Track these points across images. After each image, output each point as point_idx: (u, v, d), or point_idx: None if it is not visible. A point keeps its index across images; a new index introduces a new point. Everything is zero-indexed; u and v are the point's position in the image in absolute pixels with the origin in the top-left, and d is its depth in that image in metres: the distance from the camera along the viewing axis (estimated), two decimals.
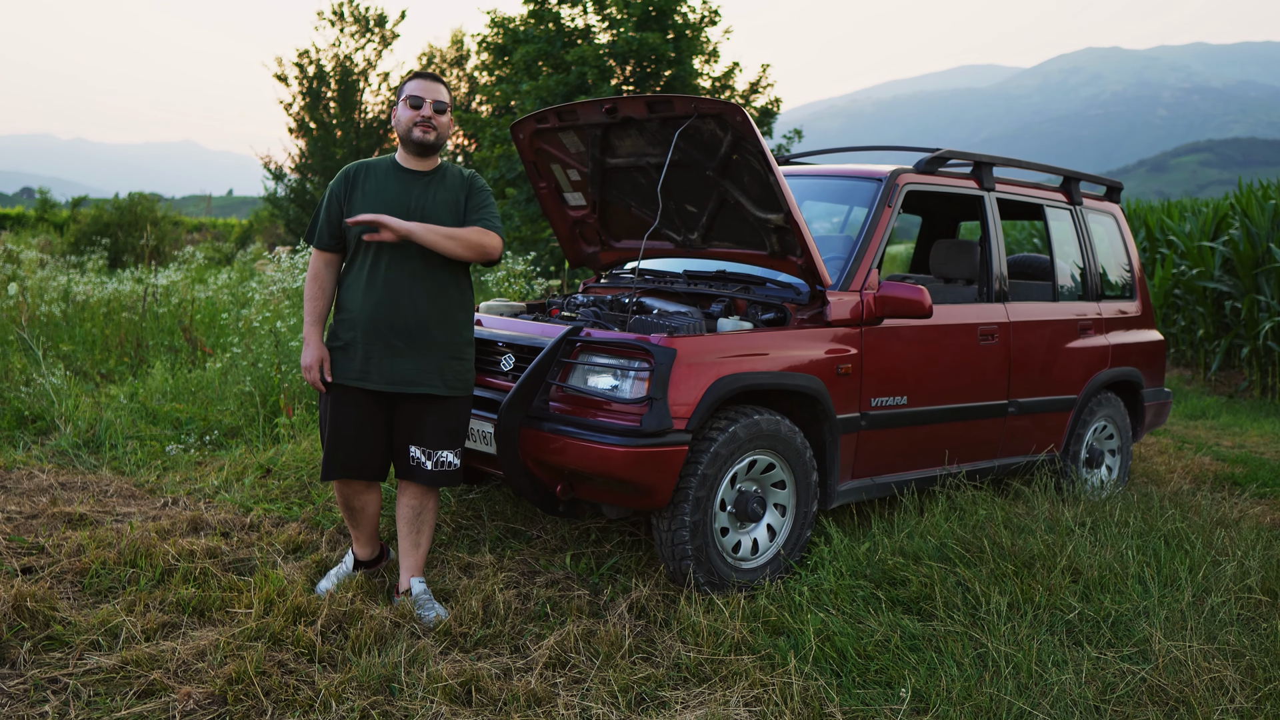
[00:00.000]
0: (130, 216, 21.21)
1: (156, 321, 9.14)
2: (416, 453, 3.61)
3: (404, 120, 3.56)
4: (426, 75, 3.63)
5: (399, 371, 3.53)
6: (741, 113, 3.86)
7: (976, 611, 3.60)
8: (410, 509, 3.70)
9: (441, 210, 3.57)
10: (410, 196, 3.56)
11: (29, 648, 3.23)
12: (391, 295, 3.50)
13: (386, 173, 3.61)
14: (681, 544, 3.74)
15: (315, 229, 3.63)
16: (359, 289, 3.54)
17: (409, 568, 3.71)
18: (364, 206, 3.53)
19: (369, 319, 3.51)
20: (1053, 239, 5.43)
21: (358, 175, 3.60)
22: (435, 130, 3.55)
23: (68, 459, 5.47)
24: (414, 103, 3.56)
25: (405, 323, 3.51)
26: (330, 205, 3.59)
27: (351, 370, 3.54)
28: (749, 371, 3.80)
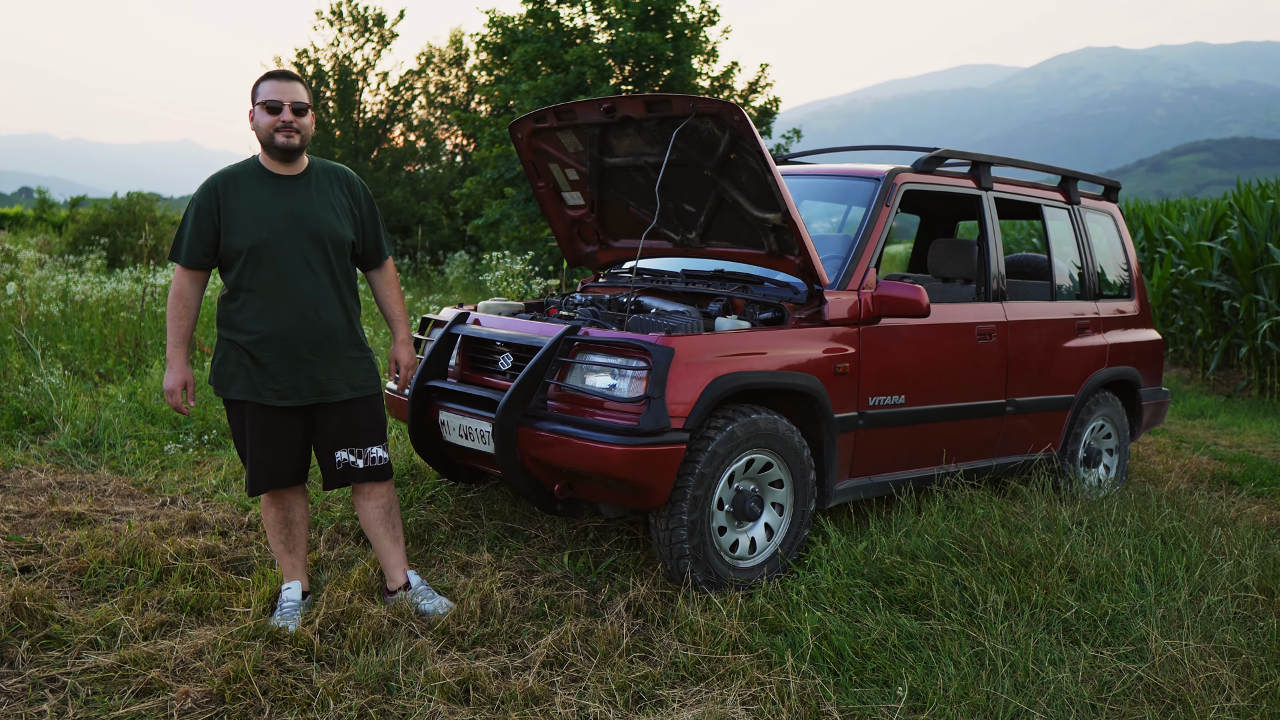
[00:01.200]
0: (129, 216, 21.20)
1: (155, 321, 9.14)
2: (345, 455, 3.55)
3: (264, 126, 3.36)
4: (280, 75, 3.41)
5: (315, 383, 3.44)
6: (739, 112, 3.86)
7: (974, 610, 3.60)
8: (379, 508, 3.67)
9: (329, 215, 3.45)
10: (294, 204, 3.40)
11: (27, 647, 3.24)
12: (292, 311, 3.38)
13: (256, 180, 3.41)
14: (679, 543, 3.75)
15: (183, 246, 3.38)
16: (254, 307, 3.38)
17: (396, 563, 3.70)
18: (243, 221, 3.35)
19: (278, 336, 3.38)
20: (1050, 238, 5.44)
21: (225, 187, 3.38)
22: (298, 133, 3.37)
23: (66, 458, 5.47)
24: (271, 106, 3.35)
25: (311, 335, 3.41)
26: (200, 221, 3.36)
27: (262, 388, 3.41)
28: (747, 371, 3.81)
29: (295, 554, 3.65)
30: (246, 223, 3.35)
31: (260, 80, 3.43)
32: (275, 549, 3.65)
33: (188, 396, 3.45)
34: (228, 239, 3.36)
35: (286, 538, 3.63)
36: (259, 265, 3.36)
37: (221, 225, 3.36)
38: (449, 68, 26.84)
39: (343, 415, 3.53)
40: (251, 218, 3.36)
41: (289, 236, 3.37)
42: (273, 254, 3.36)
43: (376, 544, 3.71)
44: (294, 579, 3.65)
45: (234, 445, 3.64)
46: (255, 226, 3.35)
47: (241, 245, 3.34)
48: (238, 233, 3.35)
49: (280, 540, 3.63)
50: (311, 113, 3.46)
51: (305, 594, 3.66)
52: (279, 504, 3.61)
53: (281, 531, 3.62)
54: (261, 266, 3.36)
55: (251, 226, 3.35)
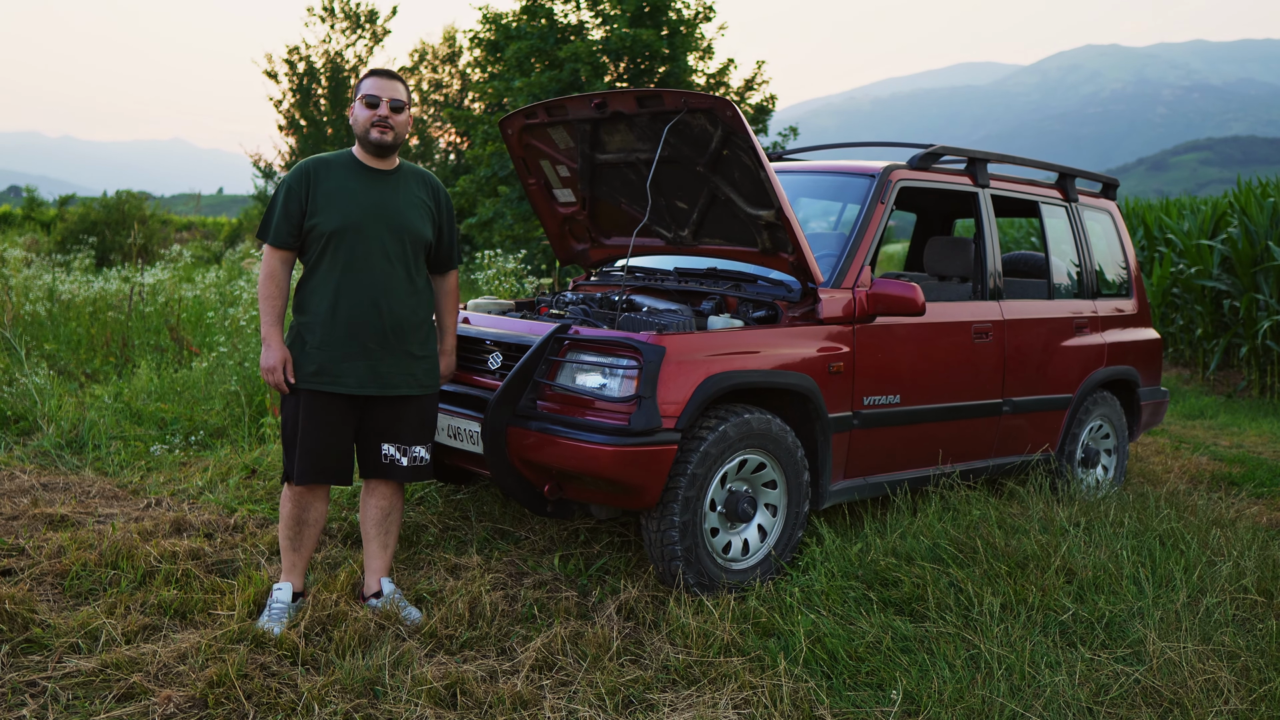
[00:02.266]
0: (118, 215, 21.14)
1: (143, 321, 9.11)
2: (391, 450, 3.59)
3: (361, 120, 3.50)
4: (383, 73, 3.56)
5: (375, 374, 3.49)
6: (732, 107, 3.84)
7: (969, 612, 3.59)
8: (380, 510, 3.68)
9: (412, 212, 3.55)
10: (380, 196, 3.51)
11: (7, 650, 3.21)
12: (364, 298, 3.46)
13: (349, 170, 3.53)
14: (671, 544, 3.73)
15: (271, 226, 3.50)
16: (327, 291, 3.47)
17: (378, 569, 3.69)
18: (329, 205, 3.46)
19: (342, 322, 3.45)
20: (1048, 236, 5.43)
21: (318, 172, 3.51)
22: (393, 130, 3.50)
23: (50, 459, 5.44)
24: (370, 101, 3.49)
25: (380, 325, 3.48)
26: (289, 202, 3.48)
27: (324, 374, 3.47)
28: (739, 370, 3.79)
29: (299, 554, 3.64)
30: (333, 207, 3.46)
31: (364, 76, 3.58)
32: (282, 543, 3.64)
33: (287, 373, 3.48)
34: (313, 220, 3.46)
35: (296, 535, 3.62)
36: (339, 250, 3.46)
37: (309, 206, 3.47)
38: (442, 65, 26.82)
39: (396, 410, 3.58)
40: (338, 202, 3.47)
41: (371, 225, 3.47)
42: (353, 240, 3.45)
43: (366, 543, 3.71)
44: (290, 579, 3.64)
45: (281, 437, 3.68)
46: (341, 211, 3.46)
47: (325, 228, 3.45)
48: (323, 215, 3.45)
49: (289, 536, 3.62)
50: (409, 111, 3.58)
51: (296, 596, 3.63)
52: (300, 501, 3.59)
53: (293, 529, 3.61)
54: (341, 251, 3.46)
55: (337, 211, 3.46)
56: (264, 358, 3.47)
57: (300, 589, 3.66)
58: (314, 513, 3.63)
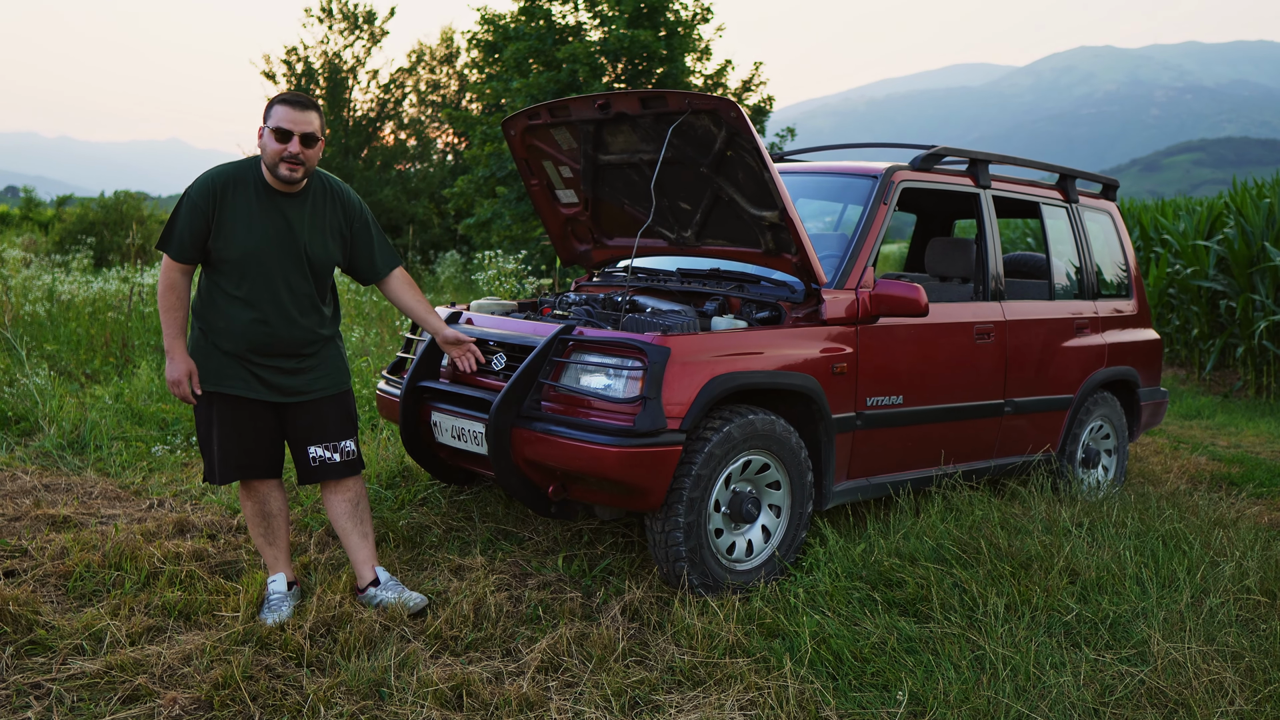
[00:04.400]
0: (116, 215, 21.10)
1: (143, 321, 9.08)
2: (319, 451, 3.60)
3: (270, 152, 3.36)
4: (295, 101, 3.40)
5: (289, 385, 3.51)
6: (736, 108, 3.83)
7: (973, 613, 3.58)
8: (347, 503, 3.70)
9: (315, 236, 3.50)
10: (285, 223, 3.45)
11: (11, 652, 3.20)
12: (275, 314, 3.44)
13: (255, 191, 3.43)
14: (675, 545, 3.71)
15: (173, 238, 3.39)
16: (238, 310, 3.43)
17: (365, 559, 3.71)
18: (233, 230, 3.38)
19: (253, 341, 3.45)
20: (1049, 237, 5.42)
21: (225, 190, 3.39)
22: (303, 165, 3.39)
23: (52, 460, 5.42)
24: (281, 135, 3.34)
25: (290, 342, 3.48)
26: (194, 218, 3.37)
27: (237, 381, 3.47)
28: (743, 371, 3.78)
29: (277, 546, 3.67)
30: (238, 231, 3.40)
31: (274, 102, 3.42)
32: (256, 542, 3.68)
33: (193, 384, 3.46)
34: (217, 242, 3.40)
35: (266, 530, 3.66)
36: (243, 274, 3.42)
37: (214, 226, 3.40)
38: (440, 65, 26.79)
39: (313, 413, 3.59)
40: (243, 227, 3.40)
41: (275, 253, 3.43)
42: (257, 266, 3.41)
43: (345, 540, 3.72)
44: (278, 570, 3.67)
45: (197, 438, 3.68)
46: (245, 237, 3.40)
47: (229, 254, 3.40)
48: (226, 240, 3.40)
49: (260, 533, 3.66)
50: (321, 141, 3.46)
51: (291, 584, 3.67)
52: (254, 497, 3.64)
53: (260, 524, 3.65)
54: (245, 276, 3.42)
55: (242, 236, 3.40)
56: (169, 370, 3.43)
57: (292, 578, 3.70)
58: (274, 503, 3.66)
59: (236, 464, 3.54)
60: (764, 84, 17.63)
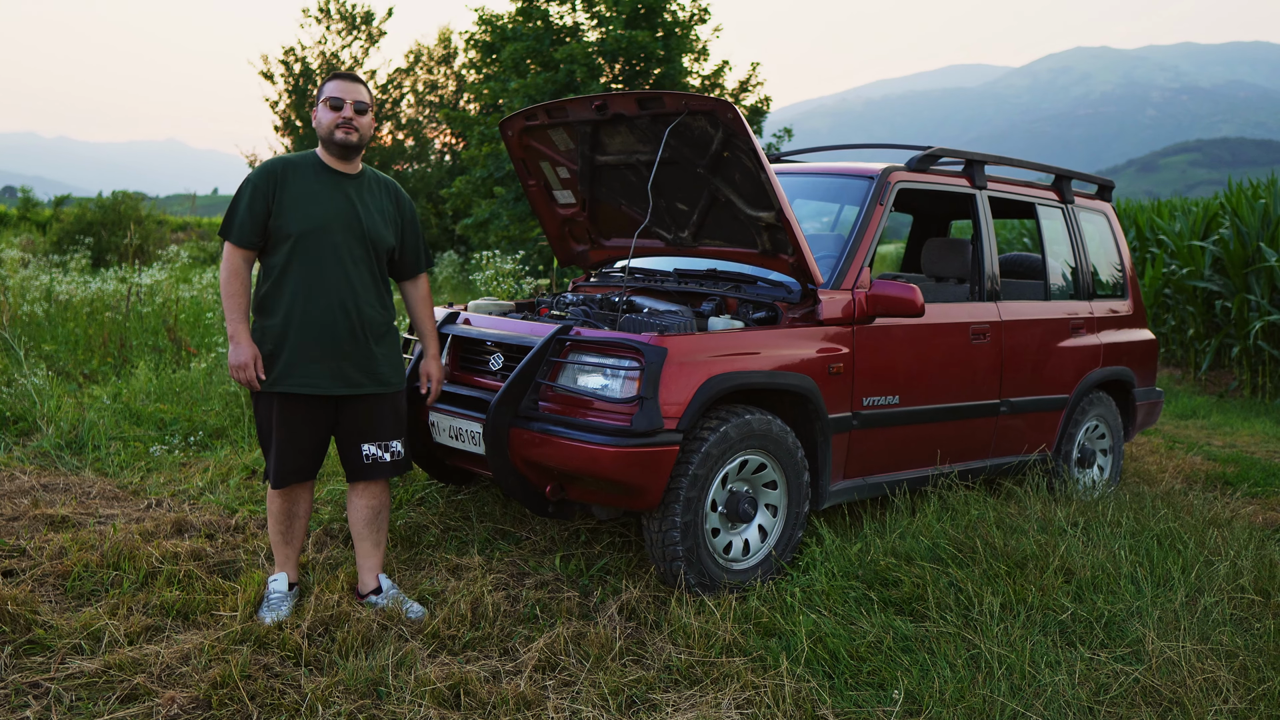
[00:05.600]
0: (114, 215, 21.07)
1: (140, 321, 9.08)
2: (372, 449, 3.63)
3: (325, 122, 3.53)
4: (345, 76, 3.59)
5: (341, 375, 3.52)
6: (733, 109, 3.84)
7: (969, 612, 3.59)
8: (369, 509, 3.70)
9: (374, 216, 3.58)
10: (345, 200, 3.53)
11: (10, 652, 3.20)
12: (329, 300, 3.48)
13: (314, 173, 3.55)
14: (672, 545, 3.72)
15: (234, 224, 3.49)
16: (292, 294, 3.48)
17: (373, 567, 3.72)
18: (294, 208, 3.47)
19: (308, 324, 3.47)
20: (1044, 238, 5.43)
21: (284, 173, 3.51)
22: (357, 131, 3.52)
23: (50, 460, 5.42)
24: (334, 104, 3.52)
25: (346, 327, 3.50)
26: (255, 201, 3.47)
27: (292, 376, 3.48)
28: (740, 371, 3.79)
29: (291, 545, 3.71)
30: (298, 209, 3.47)
31: (326, 80, 3.60)
32: (273, 538, 3.70)
33: (258, 369, 3.48)
34: (278, 221, 3.47)
35: (286, 529, 3.68)
36: (303, 253, 3.47)
37: (274, 207, 3.47)
38: (437, 66, 26.78)
39: (369, 408, 3.61)
40: (304, 205, 3.48)
41: (336, 229, 3.49)
42: (318, 243, 3.47)
43: (357, 543, 3.74)
44: (283, 570, 3.70)
45: (257, 438, 3.69)
46: (307, 214, 3.47)
47: (291, 230, 3.46)
48: (288, 217, 3.46)
49: (280, 531, 3.68)
50: (372, 113, 3.61)
51: (292, 585, 3.69)
52: (287, 496, 3.65)
53: (283, 522, 3.67)
54: (306, 254, 3.47)
55: (303, 213, 3.47)
56: (232, 355, 3.47)
57: (294, 579, 3.72)
58: (302, 505, 3.70)
59: (294, 467, 3.57)
60: (761, 84, 17.65)
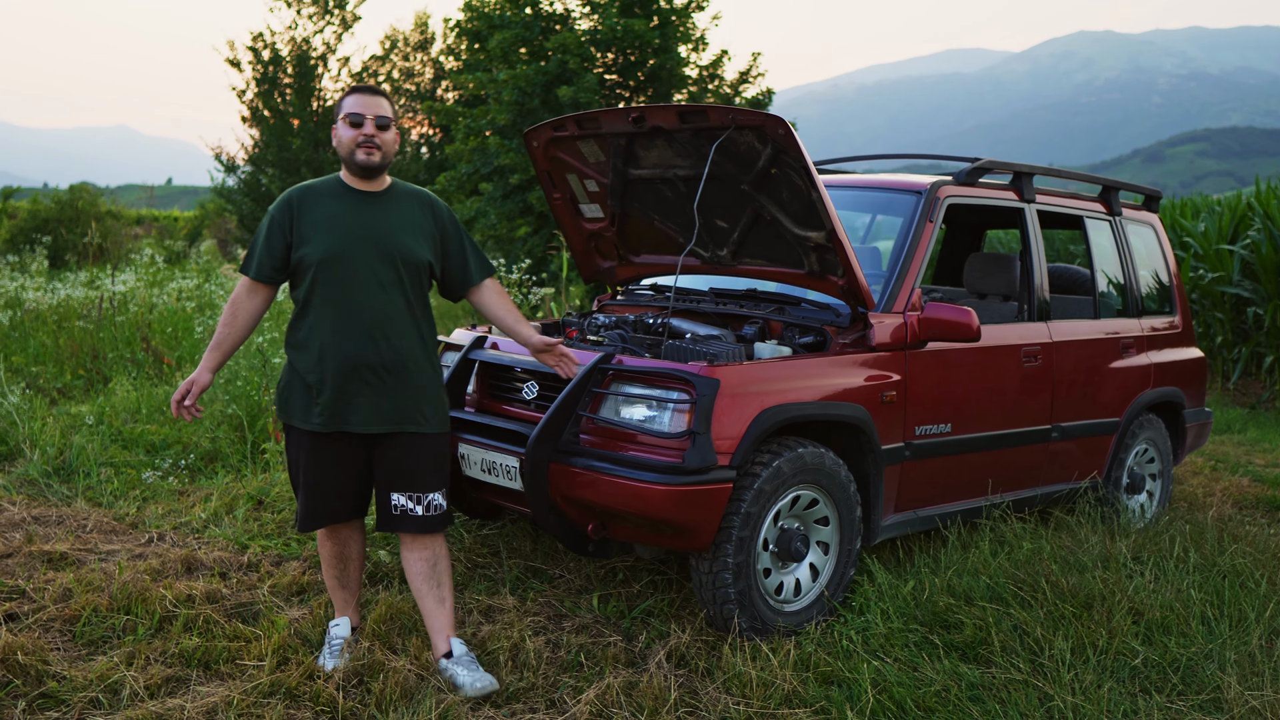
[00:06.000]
0: (72, 212, 20.89)
1: (115, 330, 8.99)
2: (402, 500, 3.50)
3: (345, 141, 3.44)
4: (365, 89, 3.50)
5: (377, 411, 3.43)
6: (784, 125, 3.83)
7: (1037, 657, 3.60)
8: (424, 562, 3.56)
9: (404, 233, 3.47)
10: (369, 220, 3.45)
11: (23, 707, 3.16)
12: (359, 330, 3.39)
13: (335, 195, 3.48)
14: (724, 587, 3.71)
15: (253, 259, 3.45)
16: (321, 326, 3.40)
17: (441, 627, 3.55)
18: (315, 234, 3.40)
19: (339, 358, 3.38)
20: (1093, 252, 5.44)
21: (302, 201, 3.46)
22: (380, 149, 3.43)
23: (38, 489, 5.36)
24: (354, 120, 3.42)
25: (378, 359, 3.40)
26: (272, 234, 3.43)
27: (324, 415, 3.41)
28: (794, 402, 3.78)
29: (348, 589, 3.71)
30: (319, 235, 3.41)
31: (345, 94, 3.51)
32: (328, 583, 3.71)
33: (189, 396, 3.45)
34: (299, 251, 3.41)
35: (341, 573, 3.68)
36: (328, 281, 3.40)
37: (294, 238, 3.42)
38: (414, 52, 26.67)
39: (402, 453, 3.49)
40: (324, 230, 3.41)
41: (360, 252, 3.40)
42: (342, 269, 3.39)
43: (419, 602, 3.59)
44: (344, 614, 3.72)
45: (288, 477, 3.69)
46: (327, 239, 3.40)
47: (312, 258, 3.39)
48: (309, 244, 3.40)
49: (334, 575, 3.68)
50: (395, 128, 3.51)
51: (354, 629, 3.72)
52: (335, 538, 3.63)
53: (336, 566, 3.67)
54: (331, 282, 3.39)
55: (323, 239, 3.40)
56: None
57: (356, 622, 3.75)
58: (353, 547, 3.69)
59: (325, 510, 3.52)
60: (762, 75, 17.62)
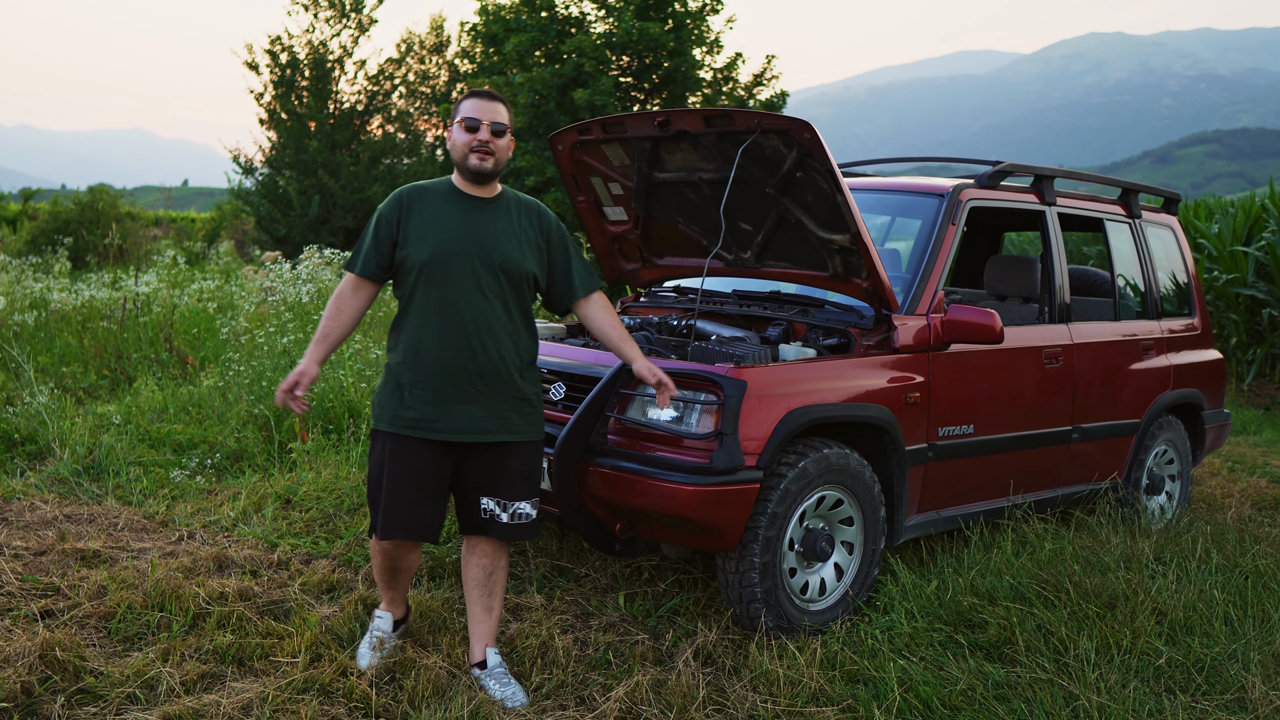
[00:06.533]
0: (92, 213, 21.01)
1: (139, 331, 9.04)
2: (490, 504, 3.44)
3: (459, 145, 3.40)
4: (483, 94, 3.45)
5: (472, 419, 3.36)
6: (810, 129, 3.85)
7: (1061, 657, 3.61)
8: (481, 569, 3.53)
9: (509, 242, 3.43)
10: (476, 226, 3.41)
11: (62, 702, 3.20)
12: (458, 336, 3.33)
13: (445, 198, 3.44)
14: (750, 586, 3.74)
15: (360, 256, 3.42)
16: (424, 328, 3.35)
17: (482, 635, 3.53)
18: (421, 235, 3.37)
19: (435, 362, 3.33)
20: (1113, 254, 5.45)
21: (412, 200, 3.43)
22: (493, 155, 3.39)
23: (69, 488, 5.41)
24: (469, 125, 3.38)
25: (480, 365, 3.34)
26: (380, 231, 3.40)
27: (415, 418, 3.34)
28: (820, 403, 3.80)
29: (396, 589, 3.67)
30: (424, 236, 3.37)
31: (463, 98, 3.48)
32: (378, 580, 3.66)
33: (299, 387, 3.36)
34: (404, 251, 3.38)
35: (391, 579, 3.63)
36: (430, 283, 3.35)
37: (400, 236, 3.39)
38: (430, 55, 26.72)
39: (495, 459, 3.43)
40: (430, 232, 3.38)
41: (464, 257, 3.36)
42: (445, 272, 3.35)
43: (469, 606, 3.58)
44: (389, 609, 3.69)
45: (367, 484, 3.52)
46: (432, 241, 3.36)
47: (416, 259, 3.36)
48: (414, 245, 3.37)
49: (384, 580, 3.63)
50: (511, 136, 3.47)
51: (398, 623, 3.73)
52: (391, 554, 3.51)
53: (387, 574, 3.61)
54: (432, 285, 3.35)
55: (429, 240, 3.37)
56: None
57: (401, 615, 3.74)
58: (406, 562, 3.57)
59: (405, 522, 3.38)
60: (776, 78, 17.66)
